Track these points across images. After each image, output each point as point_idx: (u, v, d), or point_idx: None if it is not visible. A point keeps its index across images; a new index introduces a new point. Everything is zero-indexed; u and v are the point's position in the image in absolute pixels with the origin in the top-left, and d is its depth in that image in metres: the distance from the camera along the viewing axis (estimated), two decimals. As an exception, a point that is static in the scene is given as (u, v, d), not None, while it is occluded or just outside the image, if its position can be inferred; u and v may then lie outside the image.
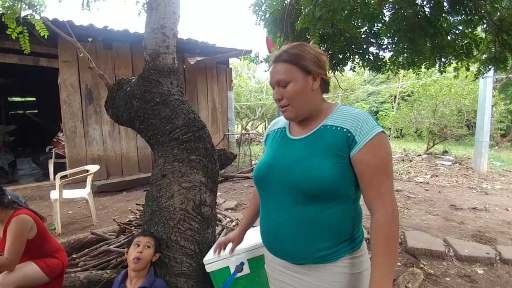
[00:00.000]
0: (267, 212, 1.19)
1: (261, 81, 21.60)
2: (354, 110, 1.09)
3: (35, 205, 5.21)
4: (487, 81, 7.78)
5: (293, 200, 1.08)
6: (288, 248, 1.12)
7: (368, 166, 1.01)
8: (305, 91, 1.11)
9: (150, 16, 2.31)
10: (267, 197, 1.19)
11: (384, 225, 1.00)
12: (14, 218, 1.92)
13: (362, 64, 3.70)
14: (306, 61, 1.10)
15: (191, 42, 7.55)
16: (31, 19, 3.00)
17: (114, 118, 2.34)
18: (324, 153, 1.06)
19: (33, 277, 2.00)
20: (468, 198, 5.62)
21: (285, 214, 1.10)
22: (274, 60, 1.15)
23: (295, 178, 1.07)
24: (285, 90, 1.11)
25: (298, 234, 1.08)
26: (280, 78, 1.11)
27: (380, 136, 1.02)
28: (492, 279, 2.83)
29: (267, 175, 1.17)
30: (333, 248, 1.07)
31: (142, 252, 1.74)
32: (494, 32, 2.97)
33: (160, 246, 1.88)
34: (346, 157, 1.04)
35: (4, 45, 5.45)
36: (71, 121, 6.30)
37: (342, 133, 1.05)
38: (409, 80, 14.44)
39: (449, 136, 10.35)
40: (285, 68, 1.10)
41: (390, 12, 3.02)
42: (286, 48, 1.13)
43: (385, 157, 1.03)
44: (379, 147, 1.02)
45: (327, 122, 1.11)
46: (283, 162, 1.14)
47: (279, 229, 1.13)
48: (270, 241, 1.19)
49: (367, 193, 1.05)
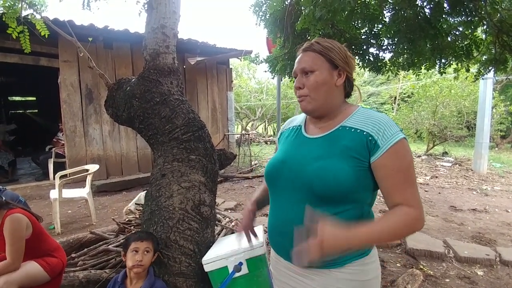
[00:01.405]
0: (276, 209, 1.16)
1: (261, 82, 21.59)
2: (376, 114, 1.06)
3: (35, 204, 5.21)
4: (487, 82, 7.78)
5: (303, 200, 1.04)
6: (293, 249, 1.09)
7: (393, 171, 0.99)
8: (328, 84, 1.08)
9: (151, 15, 2.32)
10: (276, 194, 1.16)
11: (407, 214, 0.96)
12: (8, 218, 1.91)
13: (362, 65, 3.70)
14: (335, 54, 1.08)
15: (191, 42, 7.56)
16: (32, 18, 3.00)
17: (114, 117, 2.34)
18: (340, 154, 1.02)
19: (36, 276, 2.00)
20: (468, 200, 5.62)
21: (294, 213, 1.06)
22: (303, 49, 1.12)
23: (307, 178, 1.04)
24: (307, 79, 1.08)
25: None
26: (305, 66, 1.08)
27: (403, 142, 1.00)
28: (492, 280, 2.83)
29: (278, 172, 1.14)
30: (340, 254, 1.01)
31: (142, 260, 1.71)
32: (494, 34, 2.97)
33: (158, 245, 1.86)
34: (365, 161, 1.01)
35: (4, 45, 5.46)
36: (71, 121, 6.30)
37: (362, 136, 1.02)
38: (409, 81, 14.45)
39: (449, 137, 10.33)
40: (313, 57, 1.08)
41: (390, 13, 3.02)
42: (318, 39, 1.12)
43: (409, 163, 1.00)
44: (403, 153, 0.99)
45: (346, 124, 1.08)
46: (296, 160, 1.10)
47: (286, 228, 1.08)
48: (277, 240, 1.16)
49: (391, 199, 1.01)
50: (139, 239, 1.77)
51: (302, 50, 1.13)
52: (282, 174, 1.12)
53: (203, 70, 8.46)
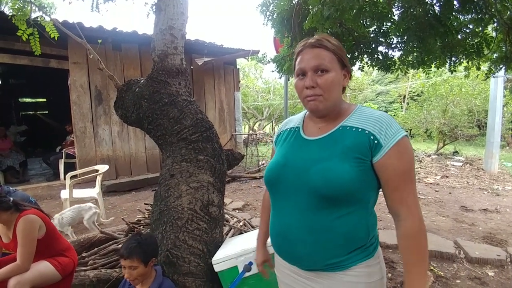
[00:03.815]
0: (278, 214, 1.13)
1: (268, 82, 21.59)
2: (376, 112, 1.05)
3: (46, 204, 5.29)
4: (498, 80, 7.65)
5: (307, 203, 1.03)
6: (298, 253, 1.07)
7: (395, 171, 0.98)
8: (339, 84, 1.06)
9: (159, 17, 2.33)
10: (278, 199, 1.13)
11: (415, 232, 0.99)
12: (22, 219, 1.94)
13: (370, 63, 3.67)
14: (344, 54, 1.07)
15: (198, 43, 7.59)
16: (41, 20, 3.05)
17: (123, 118, 2.37)
18: (342, 155, 1.00)
19: (48, 275, 2.03)
20: (479, 199, 5.54)
21: (297, 218, 1.05)
22: (312, 44, 1.06)
23: (310, 181, 1.01)
24: (322, 78, 1.03)
25: (310, 239, 1.03)
26: (320, 64, 1.03)
27: (405, 140, 0.98)
28: (503, 281, 2.79)
29: (279, 176, 1.11)
30: (344, 256, 1.02)
31: (130, 276, 1.66)
32: (504, 31, 2.92)
33: (148, 255, 1.70)
34: (367, 161, 1.00)
35: (14, 47, 5.54)
36: (81, 122, 6.38)
37: (364, 136, 1.00)
38: (419, 80, 14.31)
39: (460, 137, 10.19)
40: (328, 56, 1.04)
41: (399, 11, 2.99)
42: (325, 37, 1.08)
43: (410, 162, 1.00)
44: (404, 151, 0.98)
45: (346, 123, 1.06)
46: (297, 163, 1.08)
47: (290, 233, 1.07)
48: (280, 245, 1.13)
49: (392, 199, 1.02)
50: (122, 257, 1.68)
51: (310, 46, 1.06)
52: (284, 178, 1.09)
53: (211, 70, 8.49)
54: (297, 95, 1.14)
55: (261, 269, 1.38)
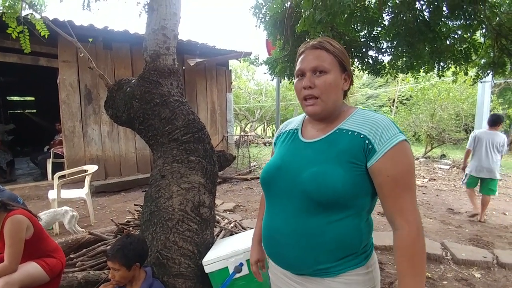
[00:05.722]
0: (271, 216, 1.11)
1: (261, 83, 21.64)
2: (374, 115, 1.01)
3: (33, 204, 5.19)
4: (486, 85, 7.83)
5: (299, 207, 1.01)
6: (287, 257, 1.05)
7: (388, 177, 0.94)
8: (338, 87, 1.05)
9: (151, 17, 2.32)
10: (272, 200, 1.11)
11: (410, 243, 0.94)
12: (9, 219, 1.91)
13: (361, 67, 3.71)
14: (345, 58, 1.06)
15: (191, 44, 7.57)
16: (32, 18, 3.01)
17: (114, 118, 2.35)
18: (336, 159, 0.98)
19: (36, 276, 2.00)
20: (466, 202, 5.62)
21: (288, 221, 1.03)
22: (313, 46, 1.06)
23: (302, 184, 1.00)
24: (320, 79, 1.02)
25: (300, 244, 1.00)
26: (319, 65, 1.02)
27: (402, 145, 0.95)
28: (489, 283, 2.84)
29: (274, 177, 1.10)
30: (334, 262, 0.99)
31: (115, 277, 1.68)
32: (493, 37, 2.99)
33: (134, 257, 1.70)
34: (362, 166, 0.97)
35: (4, 44, 5.46)
36: (70, 121, 6.29)
37: (359, 140, 0.97)
38: (408, 84, 14.49)
39: (447, 140, 10.37)
40: (328, 58, 1.03)
41: (389, 16, 3.04)
42: (327, 39, 1.07)
43: (407, 168, 0.95)
44: (400, 157, 0.94)
45: (343, 126, 1.03)
46: (292, 165, 1.06)
47: (280, 236, 1.05)
48: (271, 247, 1.12)
49: (387, 207, 0.98)
50: (107, 257, 1.71)
51: (311, 47, 1.06)
52: (278, 180, 1.08)
53: (203, 71, 8.47)
54: (290, 97, 1.13)
55: (255, 269, 1.33)
